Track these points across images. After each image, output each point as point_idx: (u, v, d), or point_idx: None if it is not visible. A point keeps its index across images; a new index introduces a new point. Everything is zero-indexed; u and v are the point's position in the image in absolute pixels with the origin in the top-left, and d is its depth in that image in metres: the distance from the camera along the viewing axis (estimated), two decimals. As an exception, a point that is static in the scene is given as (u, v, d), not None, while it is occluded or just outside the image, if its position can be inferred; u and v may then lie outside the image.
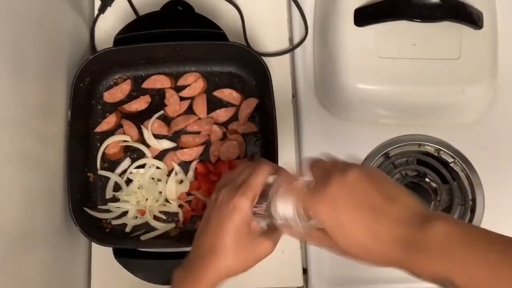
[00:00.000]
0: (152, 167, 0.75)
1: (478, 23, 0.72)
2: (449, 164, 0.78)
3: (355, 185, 0.44)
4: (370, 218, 0.43)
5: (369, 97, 0.73)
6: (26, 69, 0.59)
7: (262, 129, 0.76)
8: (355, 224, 0.43)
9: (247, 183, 0.51)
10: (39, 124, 0.63)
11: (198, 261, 0.52)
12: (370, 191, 0.44)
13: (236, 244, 0.50)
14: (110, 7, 0.82)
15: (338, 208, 0.44)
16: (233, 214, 0.50)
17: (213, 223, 0.52)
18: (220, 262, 0.50)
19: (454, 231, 0.40)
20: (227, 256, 0.50)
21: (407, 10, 0.70)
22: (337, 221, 0.44)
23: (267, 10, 0.84)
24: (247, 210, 0.50)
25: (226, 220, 0.50)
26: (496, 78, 0.75)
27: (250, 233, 0.51)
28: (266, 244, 0.52)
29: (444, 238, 0.40)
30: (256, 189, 0.51)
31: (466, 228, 0.41)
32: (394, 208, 0.43)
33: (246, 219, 0.50)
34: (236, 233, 0.50)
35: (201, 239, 0.53)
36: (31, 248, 0.59)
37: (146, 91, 0.78)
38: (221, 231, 0.50)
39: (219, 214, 0.51)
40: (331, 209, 0.44)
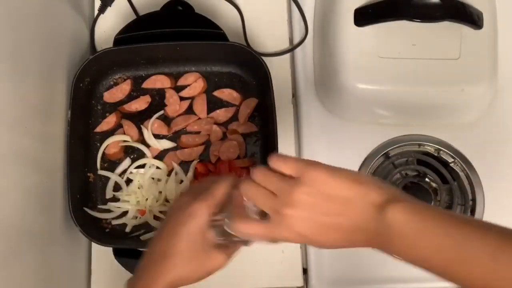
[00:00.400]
0: (152, 167, 0.75)
1: (478, 23, 0.72)
2: (449, 164, 0.78)
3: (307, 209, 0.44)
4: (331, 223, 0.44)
5: (369, 97, 0.73)
6: (26, 69, 0.59)
7: (262, 129, 0.76)
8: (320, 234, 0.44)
9: (208, 190, 0.51)
10: (39, 124, 0.63)
11: (149, 267, 0.50)
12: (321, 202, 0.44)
13: (188, 251, 0.49)
14: (110, 7, 0.82)
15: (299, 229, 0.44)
16: (189, 219, 0.49)
17: (168, 228, 0.50)
18: (171, 268, 0.48)
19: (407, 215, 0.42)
20: (178, 262, 0.49)
21: (407, 10, 0.70)
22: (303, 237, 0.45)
23: (267, 10, 0.84)
24: (203, 217, 0.49)
25: (181, 225, 0.49)
26: (496, 78, 0.75)
27: (204, 243, 0.49)
28: (220, 257, 0.50)
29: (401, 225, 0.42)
30: (216, 197, 0.50)
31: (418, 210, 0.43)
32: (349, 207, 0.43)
33: (201, 227, 0.49)
34: (190, 240, 0.49)
35: (156, 243, 0.51)
36: (31, 248, 0.59)
37: (146, 91, 0.78)
38: (174, 236, 0.49)
39: (175, 220, 0.50)
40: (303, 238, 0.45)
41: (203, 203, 0.49)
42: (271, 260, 0.75)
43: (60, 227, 0.68)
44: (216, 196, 0.50)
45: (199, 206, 0.49)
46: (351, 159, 0.77)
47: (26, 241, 0.57)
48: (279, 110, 0.71)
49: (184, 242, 0.49)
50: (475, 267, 0.40)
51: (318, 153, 0.78)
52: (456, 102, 0.75)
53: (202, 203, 0.49)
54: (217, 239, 0.50)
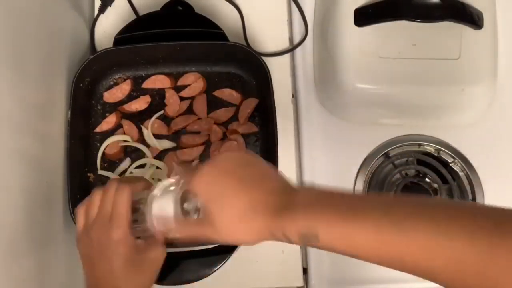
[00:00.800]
0: (152, 167, 0.75)
1: (478, 23, 0.72)
2: (449, 164, 0.78)
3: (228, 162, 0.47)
4: (245, 186, 0.45)
5: (369, 97, 0.73)
6: (26, 69, 0.59)
7: (262, 129, 0.76)
8: (230, 192, 0.45)
9: (116, 215, 0.50)
10: (39, 124, 0.63)
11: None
12: (242, 167, 0.46)
13: (133, 270, 0.49)
14: (110, 7, 0.82)
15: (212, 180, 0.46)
16: (118, 249, 0.49)
17: (103, 267, 0.50)
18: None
19: (314, 193, 0.44)
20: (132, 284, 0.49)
21: (407, 10, 0.70)
22: (213, 193, 0.45)
23: (267, 10, 0.84)
24: (128, 240, 0.49)
25: (115, 258, 0.49)
26: (496, 78, 0.75)
27: (139, 254, 0.50)
28: (156, 251, 0.51)
29: (306, 198, 0.44)
30: (126, 216, 0.50)
31: (327, 190, 0.45)
32: (265, 181, 0.46)
33: (131, 247, 0.49)
34: (129, 264, 0.49)
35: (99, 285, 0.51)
36: (31, 248, 0.59)
37: (146, 91, 0.78)
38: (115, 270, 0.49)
39: (104, 255, 0.50)
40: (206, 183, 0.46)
41: (121, 231, 0.49)
42: (271, 260, 0.75)
43: (60, 227, 0.68)
44: (126, 216, 0.50)
45: (118, 236, 0.49)
46: (351, 159, 0.77)
47: (26, 241, 0.57)
48: (279, 110, 0.71)
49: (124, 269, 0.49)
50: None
51: (318, 153, 0.78)
52: (456, 102, 0.75)
53: (119, 231, 0.49)
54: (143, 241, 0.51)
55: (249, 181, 0.46)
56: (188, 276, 0.68)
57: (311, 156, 0.78)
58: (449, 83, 0.73)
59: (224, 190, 0.45)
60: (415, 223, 0.38)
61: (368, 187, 0.77)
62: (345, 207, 0.41)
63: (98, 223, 0.51)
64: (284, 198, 0.44)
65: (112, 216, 0.50)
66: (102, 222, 0.50)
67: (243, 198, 0.45)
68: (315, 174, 0.77)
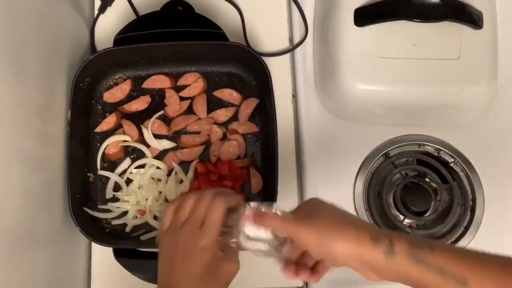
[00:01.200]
0: (152, 167, 0.75)
1: (478, 23, 0.72)
2: (449, 164, 0.78)
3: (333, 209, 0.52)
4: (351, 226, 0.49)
5: (369, 97, 0.73)
6: (26, 69, 0.59)
7: (262, 129, 0.76)
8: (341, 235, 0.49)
9: (208, 221, 0.51)
10: (39, 124, 0.63)
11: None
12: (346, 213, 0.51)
13: (207, 281, 0.50)
14: (110, 7, 0.82)
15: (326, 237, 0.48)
16: (203, 256, 0.50)
17: (180, 269, 0.50)
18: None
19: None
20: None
21: (407, 10, 0.70)
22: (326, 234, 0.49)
23: (267, 10, 0.84)
24: (215, 249, 0.50)
25: (196, 265, 0.50)
26: (496, 78, 0.75)
27: (217, 264, 0.51)
28: (232, 266, 0.52)
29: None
30: (218, 226, 0.51)
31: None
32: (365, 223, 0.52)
33: (214, 255, 0.50)
34: (207, 273, 0.50)
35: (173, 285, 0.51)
36: (31, 248, 0.59)
37: (146, 91, 0.78)
38: (192, 277, 0.50)
39: (187, 258, 0.50)
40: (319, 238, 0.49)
41: (210, 239, 0.50)
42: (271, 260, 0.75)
43: (60, 227, 0.68)
44: (218, 226, 0.51)
45: (207, 243, 0.50)
46: (351, 159, 0.77)
47: (26, 241, 0.57)
48: (279, 110, 0.71)
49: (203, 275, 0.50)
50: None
51: (318, 153, 0.78)
52: (456, 102, 0.74)
53: (209, 239, 0.50)
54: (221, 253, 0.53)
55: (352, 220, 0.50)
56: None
57: (311, 156, 0.78)
58: (449, 83, 0.73)
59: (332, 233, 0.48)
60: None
61: (368, 187, 0.77)
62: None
63: (188, 226, 0.51)
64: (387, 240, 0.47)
65: (205, 223, 0.51)
66: (192, 226, 0.51)
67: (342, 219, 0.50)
68: (315, 174, 0.77)
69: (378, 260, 0.46)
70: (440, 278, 0.43)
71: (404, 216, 0.74)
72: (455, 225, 0.75)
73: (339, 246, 0.48)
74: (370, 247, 0.46)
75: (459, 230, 0.75)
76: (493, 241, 0.74)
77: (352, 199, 0.76)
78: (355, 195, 0.76)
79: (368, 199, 0.76)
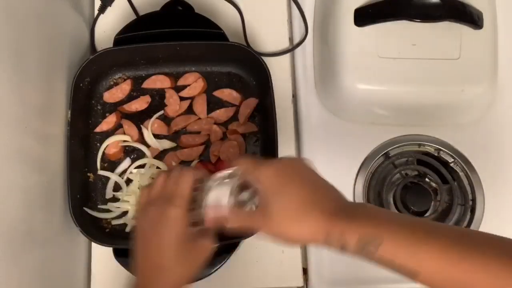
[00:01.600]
0: (152, 167, 0.75)
1: (478, 23, 0.72)
2: (449, 164, 0.78)
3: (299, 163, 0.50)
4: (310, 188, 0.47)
5: (369, 97, 0.73)
6: (26, 69, 0.59)
7: (262, 129, 0.76)
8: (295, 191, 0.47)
9: (177, 193, 0.52)
10: (39, 124, 0.63)
11: (149, 283, 0.51)
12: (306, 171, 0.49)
13: (180, 255, 0.50)
14: (110, 7, 0.82)
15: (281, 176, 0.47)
16: (172, 227, 0.50)
17: (154, 241, 0.51)
18: (171, 276, 0.50)
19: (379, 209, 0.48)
20: (176, 268, 0.50)
21: (407, 10, 0.70)
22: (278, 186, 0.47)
23: (267, 10, 0.84)
24: (183, 220, 0.51)
25: (167, 235, 0.50)
26: (496, 78, 0.75)
27: (189, 240, 0.51)
28: (206, 242, 0.53)
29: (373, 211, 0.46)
30: (186, 197, 0.52)
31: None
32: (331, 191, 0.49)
33: (184, 229, 0.51)
34: (178, 246, 0.50)
35: (145, 259, 0.52)
36: (31, 248, 0.59)
37: (146, 91, 0.78)
38: (163, 248, 0.50)
39: (157, 230, 0.51)
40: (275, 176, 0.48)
41: (179, 209, 0.51)
42: (271, 260, 0.75)
43: (60, 227, 0.68)
44: (186, 197, 0.52)
45: (175, 213, 0.51)
46: (351, 159, 0.77)
47: (26, 241, 0.57)
48: (279, 110, 0.71)
49: (173, 249, 0.50)
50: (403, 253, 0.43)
51: (318, 153, 0.78)
52: (456, 102, 0.75)
53: (177, 210, 0.51)
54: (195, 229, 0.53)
55: (313, 183, 0.48)
56: (188, 276, 0.68)
57: (311, 156, 0.78)
58: (449, 83, 0.73)
59: (288, 185, 0.47)
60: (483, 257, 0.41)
61: (368, 187, 0.77)
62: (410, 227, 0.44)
63: (159, 200, 0.52)
64: (347, 204, 0.47)
65: (173, 195, 0.52)
66: (162, 199, 0.52)
67: (305, 195, 0.46)
68: (315, 174, 0.77)
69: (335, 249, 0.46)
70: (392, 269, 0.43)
71: (404, 216, 0.74)
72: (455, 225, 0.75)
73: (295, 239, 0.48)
74: (324, 242, 0.46)
75: (459, 230, 0.75)
76: (493, 241, 0.74)
77: (352, 199, 0.76)
78: (355, 195, 0.76)
79: (368, 199, 0.76)
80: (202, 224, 0.53)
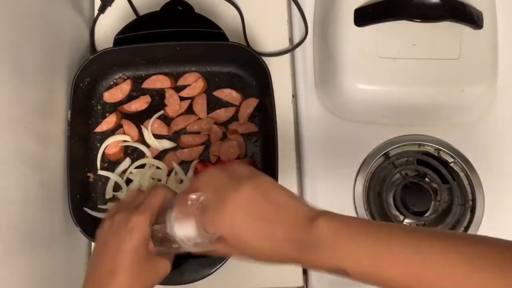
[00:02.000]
0: (152, 167, 0.75)
1: (478, 23, 0.72)
2: (449, 164, 0.78)
3: (249, 201, 0.46)
4: (267, 227, 0.46)
5: (369, 97, 0.73)
6: (26, 69, 0.59)
7: (262, 129, 0.76)
8: (254, 236, 0.46)
9: (145, 203, 0.51)
10: (39, 124, 0.63)
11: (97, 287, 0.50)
12: (263, 204, 0.46)
13: (135, 264, 0.49)
14: (110, 7, 0.82)
15: (236, 225, 0.46)
16: (132, 233, 0.49)
17: (111, 245, 0.50)
18: (121, 285, 0.48)
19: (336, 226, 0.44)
20: (127, 278, 0.48)
21: (407, 10, 0.70)
22: (238, 236, 0.46)
23: (267, 10, 0.84)
24: (146, 229, 0.49)
25: (125, 240, 0.49)
26: (496, 78, 0.75)
27: (147, 254, 0.50)
28: (163, 263, 0.52)
29: (329, 234, 0.44)
30: (153, 208, 0.51)
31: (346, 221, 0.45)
32: (284, 215, 0.46)
33: (145, 239, 0.49)
34: (135, 254, 0.49)
35: (98, 263, 0.51)
36: (31, 248, 0.59)
37: (146, 91, 0.78)
38: (120, 253, 0.49)
39: (117, 236, 0.50)
40: (230, 227, 0.46)
41: (142, 217, 0.50)
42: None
43: (60, 227, 0.68)
44: (153, 208, 0.51)
45: (138, 220, 0.49)
46: (351, 159, 0.77)
47: (25, 241, 0.57)
48: (279, 110, 0.71)
49: (130, 257, 0.49)
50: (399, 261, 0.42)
51: (318, 153, 0.78)
52: (456, 102, 0.75)
53: (140, 217, 0.50)
54: (158, 248, 0.51)
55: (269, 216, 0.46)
56: (188, 276, 0.68)
57: (311, 156, 0.78)
58: (449, 83, 0.73)
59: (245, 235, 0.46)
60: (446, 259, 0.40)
61: (368, 187, 0.77)
62: (372, 240, 0.43)
63: (125, 209, 0.52)
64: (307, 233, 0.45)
65: (141, 204, 0.51)
66: (128, 208, 0.51)
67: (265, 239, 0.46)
68: (315, 174, 0.77)
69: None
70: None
71: (404, 216, 0.74)
72: (455, 225, 0.75)
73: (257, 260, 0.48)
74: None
75: (459, 230, 0.75)
76: (493, 241, 0.74)
77: (352, 199, 0.76)
78: (355, 195, 0.76)
79: (368, 199, 0.76)
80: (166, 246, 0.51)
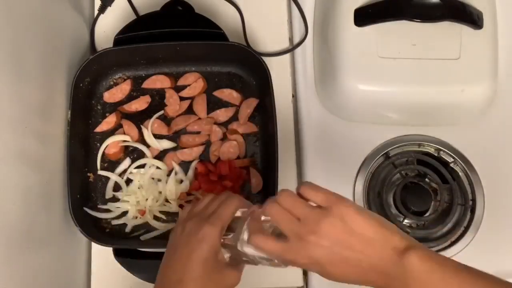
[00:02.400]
0: (152, 167, 0.75)
1: (478, 23, 0.72)
2: (449, 164, 0.78)
3: (333, 234, 0.45)
4: (353, 258, 0.45)
5: (369, 97, 0.73)
6: (26, 69, 0.59)
7: (262, 129, 0.76)
8: (339, 266, 0.45)
9: (217, 213, 0.51)
10: (39, 124, 0.63)
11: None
12: (348, 236, 0.45)
13: (204, 275, 0.49)
14: (110, 7, 0.82)
15: (319, 256, 0.45)
16: (203, 243, 0.49)
17: (181, 254, 0.51)
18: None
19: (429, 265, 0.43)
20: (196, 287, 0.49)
21: (407, 10, 0.70)
22: (320, 264, 0.46)
23: (267, 10, 0.84)
24: (216, 241, 0.50)
25: (195, 251, 0.50)
26: (496, 78, 0.75)
27: (217, 264, 0.50)
28: (233, 274, 0.52)
29: (422, 271, 0.43)
30: (225, 219, 0.51)
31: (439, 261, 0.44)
32: (371, 248, 0.45)
33: (214, 249, 0.50)
34: (204, 264, 0.49)
35: (168, 271, 0.51)
36: (31, 248, 0.59)
37: (146, 91, 0.78)
38: (190, 262, 0.49)
39: (188, 245, 0.50)
40: (318, 266, 0.46)
41: (213, 228, 0.50)
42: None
43: (60, 227, 0.68)
44: (224, 220, 0.52)
45: (209, 231, 0.50)
46: (351, 159, 0.77)
47: (26, 241, 0.57)
48: (279, 110, 0.71)
49: (199, 267, 0.49)
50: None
51: (318, 153, 0.78)
52: (456, 102, 0.75)
53: (212, 228, 0.50)
54: (228, 258, 0.52)
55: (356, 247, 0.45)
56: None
57: (311, 156, 0.78)
58: (449, 83, 0.73)
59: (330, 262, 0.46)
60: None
61: (368, 187, 0.77)
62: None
63: (197, 217, 0.52)
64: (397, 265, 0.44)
65: (213, 214, 0.51)
66: (201, 217, 0.52)
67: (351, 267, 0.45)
68: (315, 174, 0.77)
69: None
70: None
71: (404, 216, 0.74)
72: (455, 225, 0.75)
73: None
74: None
75: (459, 230, 0.75)
76: (493, 241, 0.74)
77: (352, 199, 0.76)
78: (355, 195, 0.76)
79: (368, 199, 0.76)
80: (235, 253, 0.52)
